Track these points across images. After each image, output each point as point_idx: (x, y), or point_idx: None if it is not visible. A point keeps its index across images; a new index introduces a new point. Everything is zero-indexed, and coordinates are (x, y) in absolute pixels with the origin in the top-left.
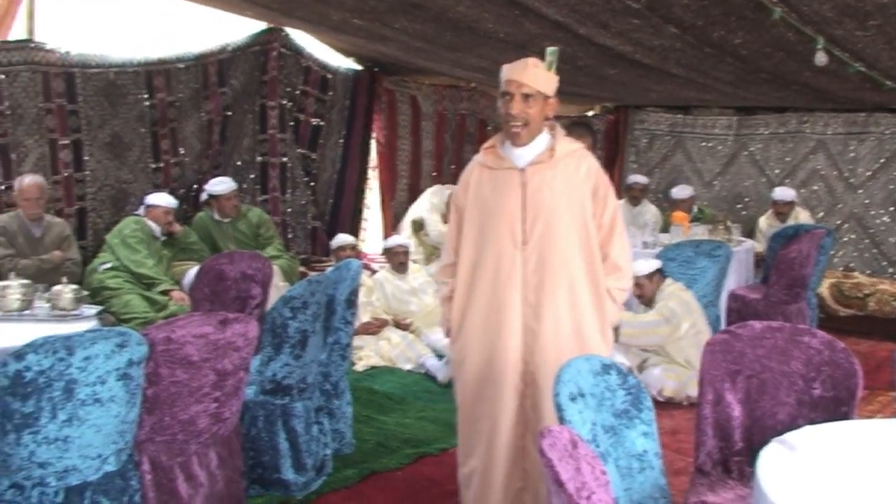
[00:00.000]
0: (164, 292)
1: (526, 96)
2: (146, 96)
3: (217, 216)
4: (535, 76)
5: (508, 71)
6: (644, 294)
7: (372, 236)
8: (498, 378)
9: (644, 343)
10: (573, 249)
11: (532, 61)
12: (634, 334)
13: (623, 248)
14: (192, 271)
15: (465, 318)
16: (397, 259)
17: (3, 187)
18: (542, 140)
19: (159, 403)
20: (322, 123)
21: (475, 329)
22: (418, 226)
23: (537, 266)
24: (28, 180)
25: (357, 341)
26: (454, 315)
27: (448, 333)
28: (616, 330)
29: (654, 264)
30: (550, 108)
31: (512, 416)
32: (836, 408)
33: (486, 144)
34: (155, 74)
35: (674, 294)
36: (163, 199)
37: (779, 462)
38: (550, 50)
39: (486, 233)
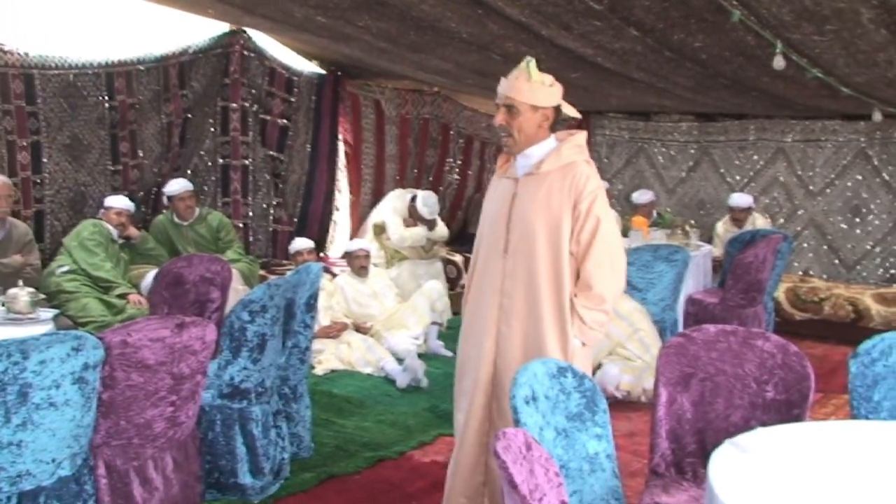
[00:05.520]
0: (122, 296)
1: (509, 108)
2: (106, 98)
3: (176, 219)
4: (518, 88)
5: (500, 84)
6: None
7: (340, 239)
8: (474, 377)
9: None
10: (542, 264)
11: (519, 74)
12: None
13: (598, 268)
14: (151, 275)
15: (464, 320)
16: (358, 262)
17: None
18: (543, 151)
19: (115, 407)
20: (289, 124)
21: (466, 330)
22: (380, 229)
23: (511, 274)
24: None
25: (317, 345)
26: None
27: None
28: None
29: None
30: (544, 118)
31: (480, 414)
32: (788, 410)
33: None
34: (115, 76)
35: None
36: (117, 202)
37: (730, 463)
38: (525, 60)
39: (483, 240)
